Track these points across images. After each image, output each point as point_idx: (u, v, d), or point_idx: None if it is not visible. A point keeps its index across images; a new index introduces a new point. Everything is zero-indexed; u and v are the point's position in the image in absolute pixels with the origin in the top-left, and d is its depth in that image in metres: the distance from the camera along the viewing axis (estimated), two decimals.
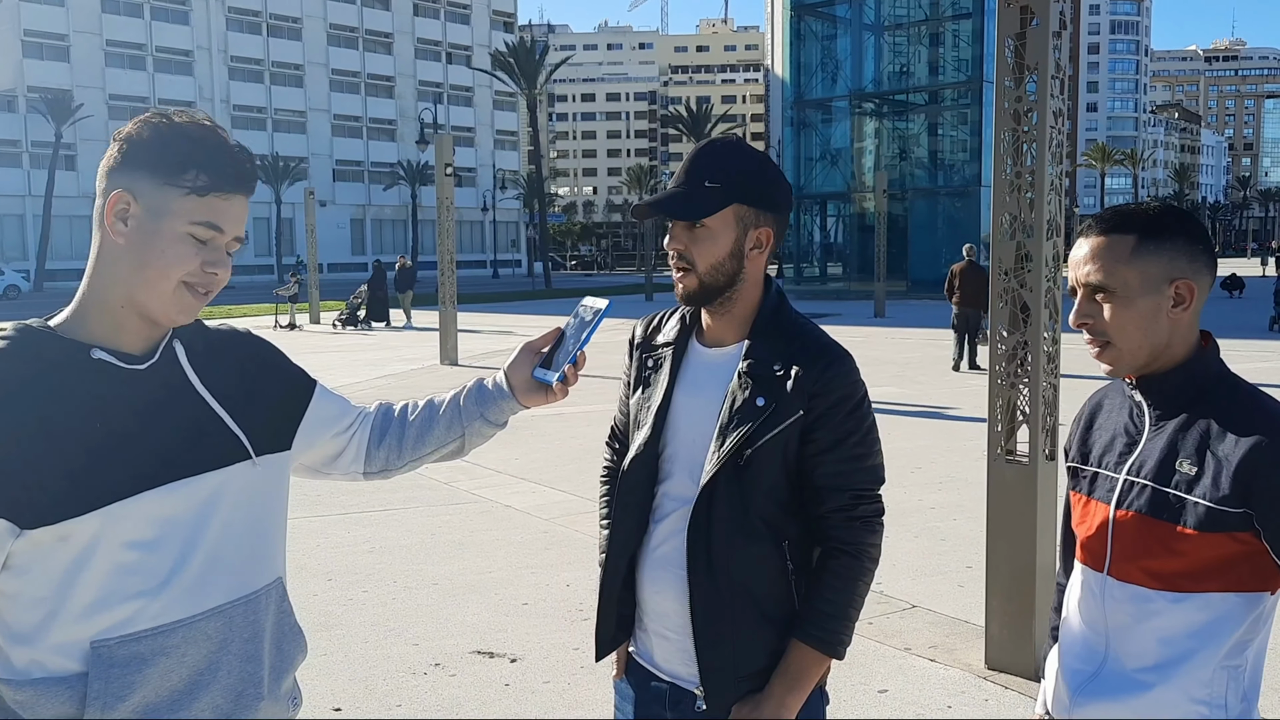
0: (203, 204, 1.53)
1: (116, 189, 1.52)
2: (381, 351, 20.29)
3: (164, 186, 1.52)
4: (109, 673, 1.47)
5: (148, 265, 1.52)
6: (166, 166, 1.52)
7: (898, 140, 43.00)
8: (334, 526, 7.15)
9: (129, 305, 1.54)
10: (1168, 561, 1.66)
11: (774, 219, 1.95)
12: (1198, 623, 1.66)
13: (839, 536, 1.91)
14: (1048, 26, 4.45)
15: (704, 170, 1.90)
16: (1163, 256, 1.68)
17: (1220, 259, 48.18)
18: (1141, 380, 1.76)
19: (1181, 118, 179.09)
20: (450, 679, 4.60)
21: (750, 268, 1.94)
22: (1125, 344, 1.71)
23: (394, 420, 1.94)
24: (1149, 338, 1.70)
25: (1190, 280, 1.69)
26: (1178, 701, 1.68)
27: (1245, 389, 1.72)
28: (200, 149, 1.53)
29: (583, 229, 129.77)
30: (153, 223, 1.52)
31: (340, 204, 75.98)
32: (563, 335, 1.91)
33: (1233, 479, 1.60)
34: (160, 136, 1.53)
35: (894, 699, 4.36)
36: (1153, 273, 1.68)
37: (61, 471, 1.44)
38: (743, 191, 1.90)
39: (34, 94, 60.54)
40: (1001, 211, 4.61)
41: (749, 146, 1.99)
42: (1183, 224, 1.72)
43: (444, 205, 17.87)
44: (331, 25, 77.06)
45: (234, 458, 1.60)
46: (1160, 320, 1.69)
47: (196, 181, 1.52)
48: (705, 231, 1.90)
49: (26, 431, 1.44)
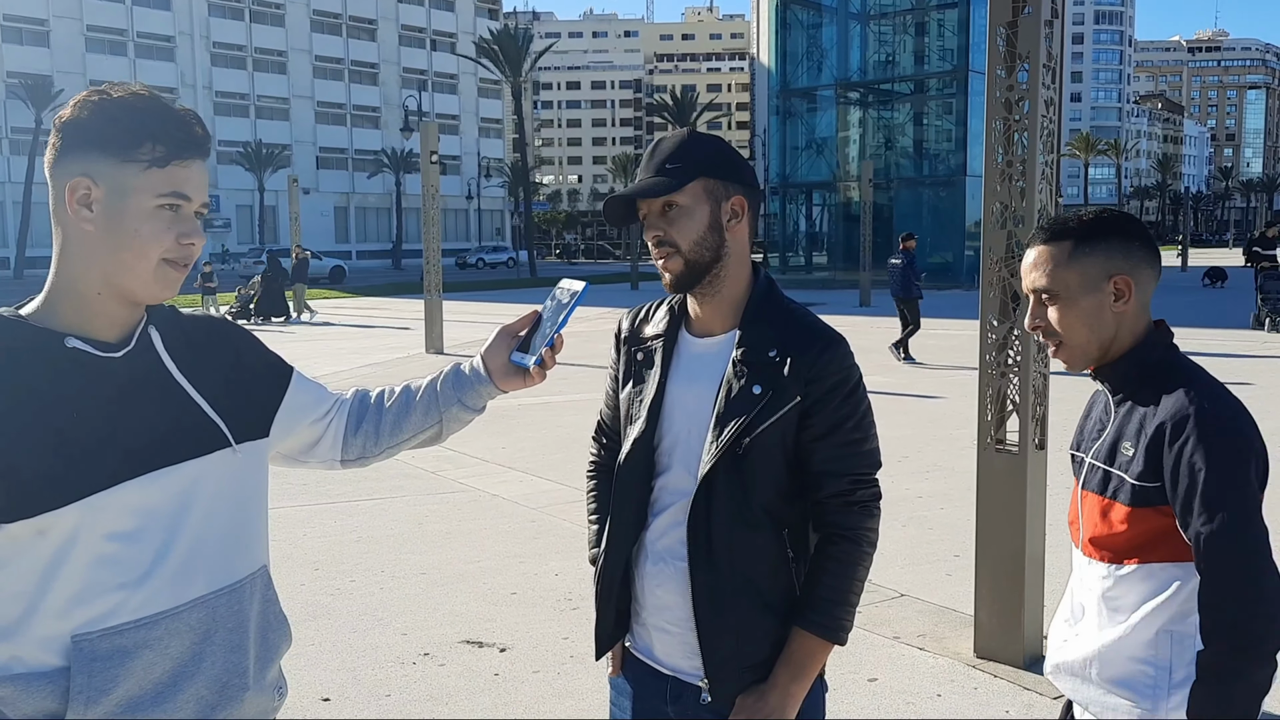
0: (165, 175, 1.50)
1: (73, 176, 1.48)
2: (365, 340, 20.22)
3: (122, 164, 1.48)
4: (91, 667, 1.45)
5: (123, 248, 1.49)
6: (119, 143, 1.47)
7: (883, 130, 43.00)
8: (320, 515, 7.11)
9: (106, 291, 1.51)
10: (1114, 537, 1.82)
11: (743, 189, 1.94)
12: (1142, 592, 1.79)
13: (838, 522, 1.90)
14: (1039, 15, 4.44)
15: (663, 158, 1.91)
16: (1098, 256, 1.83)
17: (1203, 249, 48.52)
18: (1098, 371, 1.91)
19: (1165, 108, 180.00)
20: (439, 668, 4.58)
21: (733, 242, 1.93)
22: (1075, 340, 1.86)
23: (370, 407, 1.91)
24: (1095, 333, 1.85)
25: (1128, 275, 1.83)
26: (1118, 660, 1.81)
27: (1183, 371, 1.83)
28: (150, 119, 1.49)
29: (567, 217, 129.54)
30: (119, 203, 1.48)
31: (324, 192, 75.57)
32: (540, 319, 1.88)
33: (1146, 456, 1.76)
34: (105, 114, 1.48)
35: (883, 688, 4.37)
36: (1091, 273, 1.83)
37: (38, 463, 1.41)
38: (705, 165, 1.90)
39: (13, 79, 59.94)
40: (993, 200, 4.61)
41: (702, 133, 1.98)
42: (1117, 225, 1.86)
43: (429, 193, 17.80)
44: (315, 11, 76.50)
45: (214, 445, 1.57)
46: (1104, 315, 1.84)
47: (154, 153, 1.48)
48: (679, 210, 1.89)
49: (1, 423, 1.41)
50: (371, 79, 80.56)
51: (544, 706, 4.22)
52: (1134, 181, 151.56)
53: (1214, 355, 15.57)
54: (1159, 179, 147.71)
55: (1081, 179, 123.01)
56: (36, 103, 56.44)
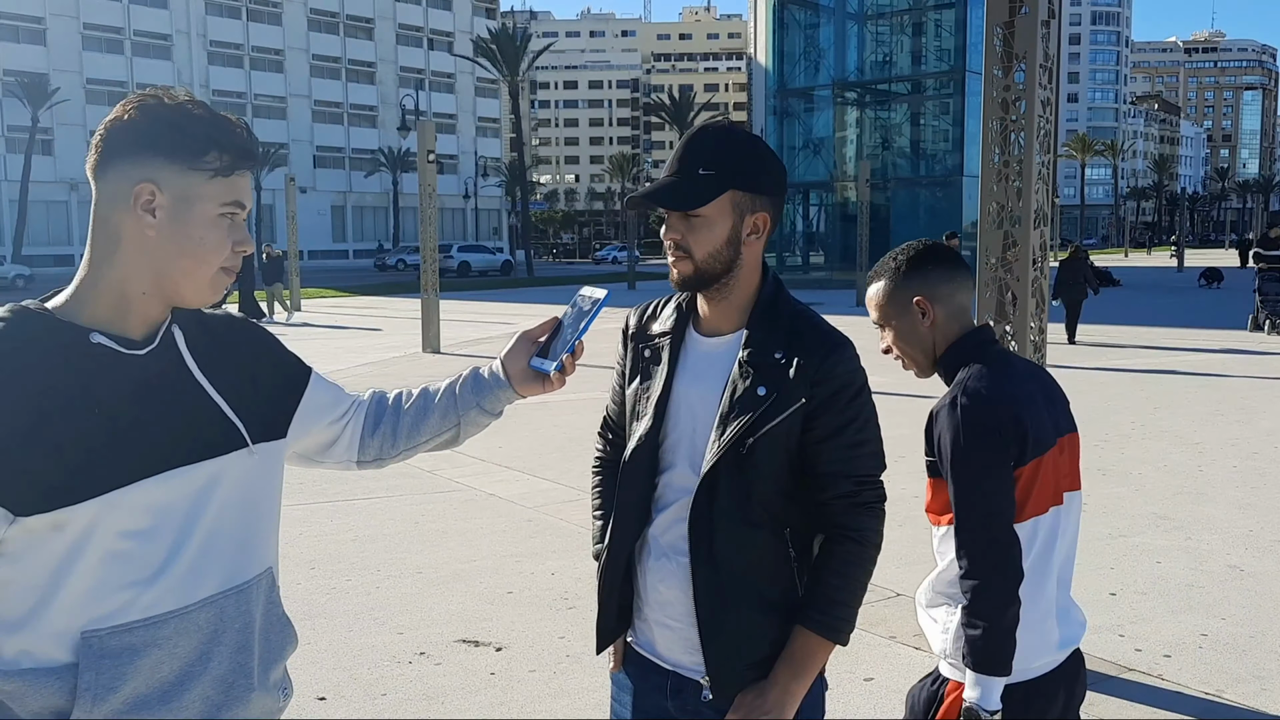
0: (228, 184, 1.52)
1: (134, 180, 1.47)
2: (362, 339, 20.21)
3: (188, 172, 1.49)
4: (100, 664, 1.45)
5: (185, 254, 1.50)
6: (186, 151, 1.48)
7: (880, 130, 43.06)
8: (317, 514, 7.11)
9: (153, 292, 1.51)
10: (931, 503, 2.22)
11: (769, 203, 1.93)
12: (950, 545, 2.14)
13: (842, 523, 1.90)
14: (1036, 15, 4.45)
15: (697, 157, 1.87)
16: (903, 287, 2.25)
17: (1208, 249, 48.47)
18: (938, 372, 2.29)
19: (1161, 109, 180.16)
20: (435, 668, 4.58)
21: (747, 254, 1.92)
22: (911, 356, 2.28)
23: (388, 409, 1.92)
24: (918, 346, 2.27)
25: (924, 296, 2.23)
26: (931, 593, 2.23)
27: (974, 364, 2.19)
28: (213, 129, 1.50)
29: (564, 217, 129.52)
30: (184, 210, 1.49)
31: (321, 191, 75.53)
32: (560, 325, 1.89)
33: (925, 435, 2.18)
34: (165, 120, 1.48)
35: (880, 687, 4.38)
36: (901, 300, 2.25)
37: (58, 458, 1.40)
38: (737, 177, 1.87)
39: (10, 78, 59.86)
40: (989, 200, 4.62)
41: (741, 130, 1.97)
42: (915, 259, 2.26)
43: (426, 192, 17.79)
44: (312, 10, 76.48)
45: (231, 445, 1.57)
46: (919, 331, 2.25)
47: (219, 162, 1.50)
48: (701, 220, 1.88)
49: (22, 416, 1.40)
50: (369, 78, 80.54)
51: (540, 706, 4.22)
52: (1130, 182, 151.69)
53: (1212, 352, 15.60)
54: (1155, 179, 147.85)
55: (1078, 180, 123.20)
56: (33, 101, 56.43)
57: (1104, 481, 7.86)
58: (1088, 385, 12.39)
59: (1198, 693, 4.33)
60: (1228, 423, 10.37)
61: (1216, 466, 8.49)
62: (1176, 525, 6.80)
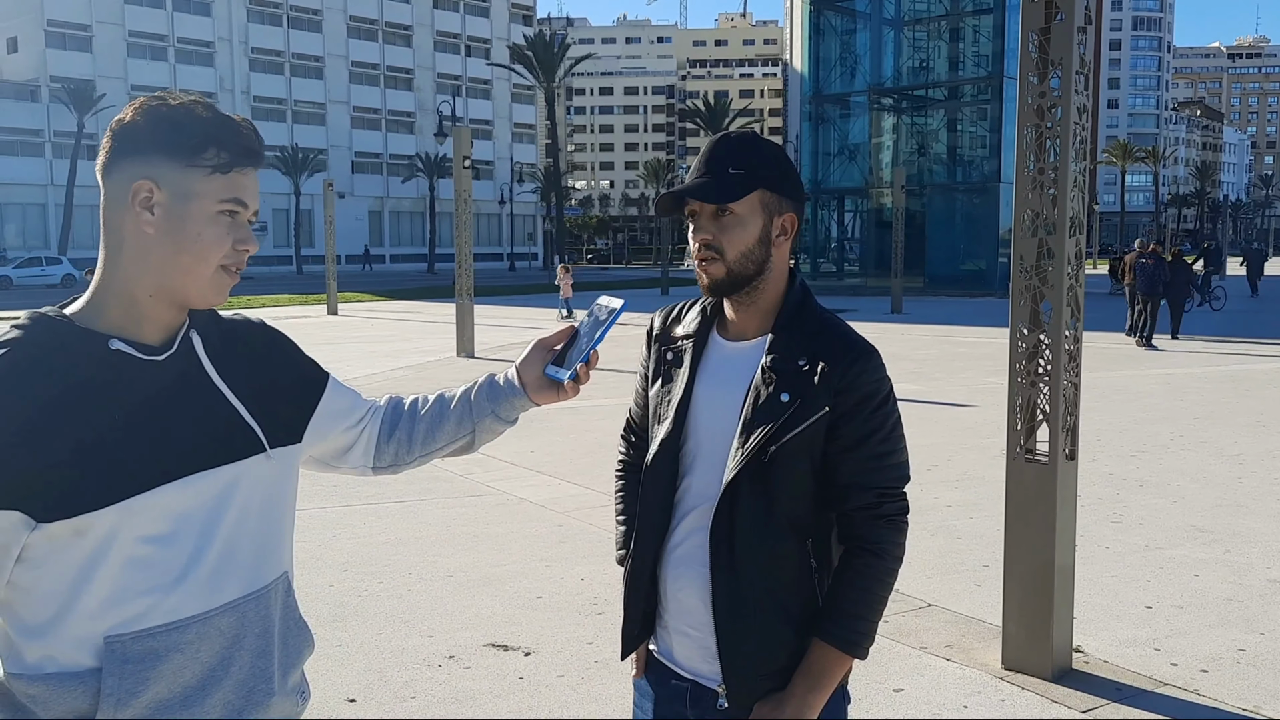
0: (227, 181, 1.52)
1: (134, 178, 1.49)
2: (398, 343, 20.35)
3: (186, 169, 1.50)
4: (123, 669, 1.46)
5: (183, 251, 1.50)
6: (185, 148, 1.49)
7: (916, 136, 42.74)
8: (351, 517, 7.16)
9: (159, 294, 1.52)
10: None
11: (794, 206, 1.93)
12: None
13: (863, 535, 1.88)
14: (1072, 21, 4.40)
15: (725, 159, 1.88)
16: None
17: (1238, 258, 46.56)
18: None
19: (1203, 115, 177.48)
20: (465, 671, 4.60)
21: (776, 255, 1.92)
22: None
23: (404, 414, 1.92)
24: None
25: None
26: None
27: None
28: (213, 127, 1.51)
29: (599, 222, 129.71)
30: (181, 207, 1.50)
31: (359, 196, 76.15)
32: (576, 333, 1.89)
33: None
34: (167, 119, 1.50)
35: (909, 698, 4.34)
36: None
37: (78, 464, 1.42)
38: (766, 177, 1.88)
39: (56, 84, 60.87)
40: (1024, 208, 4.57)
41: (763, 138, 1.97)
42: None
43: (462, 198, 17.89)
44: (352, 18, 77.17)
45: (249, 450, 1.58)
46: None
47: (218, 159, 1.51)
48: (733, 219, 1.87)
49: (43, 423, 1.41)
50: (406, 84, 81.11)
51: (569, 710, 4.23)
52: (1172, 189, 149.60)
53: None
54: (1197, 186, 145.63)
55: (1119, 186, 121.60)
56: (79, 107, 57.34)
57: (1141, 492, 7.76)
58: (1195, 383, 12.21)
59: (1234, 709, 4.25)
60: (1269, 434, 10.20)
61: (1256, 478, 8.36)
62: (1215, 538, 6.69)
